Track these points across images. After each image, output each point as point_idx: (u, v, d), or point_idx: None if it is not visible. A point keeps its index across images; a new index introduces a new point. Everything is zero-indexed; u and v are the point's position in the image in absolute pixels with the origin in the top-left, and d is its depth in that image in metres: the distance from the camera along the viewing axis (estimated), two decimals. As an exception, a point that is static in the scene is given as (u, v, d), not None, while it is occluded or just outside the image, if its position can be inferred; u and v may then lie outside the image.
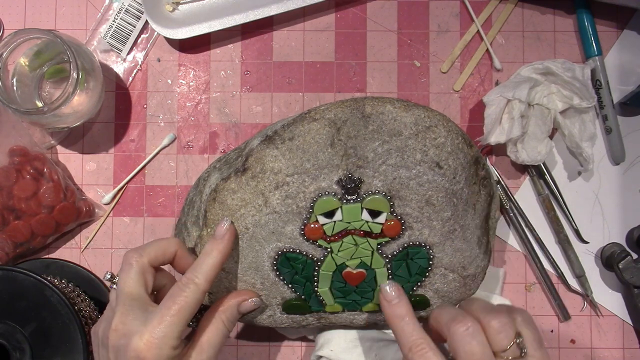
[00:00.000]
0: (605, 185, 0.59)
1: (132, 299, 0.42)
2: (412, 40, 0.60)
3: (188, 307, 0.41)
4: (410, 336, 0.42)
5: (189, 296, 0.41)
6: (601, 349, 0.58)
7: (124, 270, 0.43)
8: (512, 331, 0.40)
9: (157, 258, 0.44)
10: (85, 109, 0.55)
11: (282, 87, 0.60)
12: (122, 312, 0.41)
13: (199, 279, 0.42)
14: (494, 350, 0.40)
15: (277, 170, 0.46)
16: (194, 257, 0.46)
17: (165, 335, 0.40)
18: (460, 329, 0.40)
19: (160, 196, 0.60)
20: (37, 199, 0.55)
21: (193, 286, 0.42)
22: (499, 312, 0.41)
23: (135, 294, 0.42)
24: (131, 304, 0.42)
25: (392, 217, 0.46)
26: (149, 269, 0.44)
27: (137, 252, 0.44)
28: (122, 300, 0.42)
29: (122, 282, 0.43)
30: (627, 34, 0.60)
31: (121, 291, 0.42)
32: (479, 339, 0.40)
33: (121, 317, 0.41)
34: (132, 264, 0.43)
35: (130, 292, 0.42)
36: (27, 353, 0.49)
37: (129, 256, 0.43)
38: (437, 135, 0.46)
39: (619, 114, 0.59)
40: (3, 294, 0.49)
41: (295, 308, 0.50)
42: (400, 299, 0.44)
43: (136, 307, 0.41)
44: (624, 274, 0.56)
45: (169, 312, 0.40)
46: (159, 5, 0.59)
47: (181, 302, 0.41)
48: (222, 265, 0.44)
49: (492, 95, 0.55)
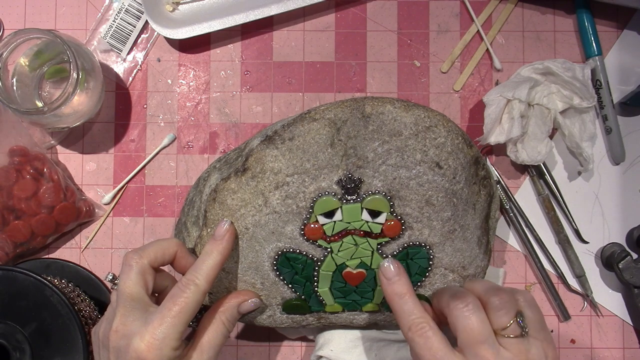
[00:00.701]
0: (605, 185, 0.59)
1: (133, 300, 0.42)
2: (412, 40, 0.60)
3: (188, 308, 0.41)
4: (410, 315, 0.41)
5: (190, 297, 0.41)
6: (601, 349, 0.58)
7: (124, 271, 0.43)
8: (513, 310, 0.40)
9: (157, 259, 0.44)
10: (85, 109, 0.55)
11: (282, 87, 0.60)
12: (123, 313, 0.41)
13: (199, 279, 0.42)
14: (494, 328, 0.40)
15: (277, 170, 0.46)
16: (194, 257, 0.46)
17: (166, 336, 0.40)
18: (459, 305, 0.40)
19: (160, 196, 0.60)
20: (37, 199, 0.55)
21: (193, 287, 0.42)
22: (501, 290, 0.41)
23: (136, 295, 0.42)
24: (132, 305, 0.42)
25: (392, 217, 0.46)
26: (149, 269, 0.44)
27: (137, 253, 0.44)
28: (122, 301, 0.42)
29: (122, 283, 0.43)
30: (627, 34, 0.60)
31: (121, 292, 0.42)
32: (478, 315, 0.39)
33: (122, 318, 0.41)
34: (132, 265, 0.43)
35: (131, 293, 0.42)
36: (27, 353, 0.49)
37: (128, 257, 0.43)
38: (437, 135, 0.46)
39: (619, 114, 0.59)
40: (3, 294, 0.49)
41: (295, 308, 0.50)
42: (400, 277, 0.43)
43: (137, 308, 0.42)
44: (624, 274, 0.56)
45: (170, 313, 0.41)
46: (159, 5, 0.59)
47: (182, 303, 0.41)
48: (222, 265, 0.44)
49: (492, 95, 0.55)
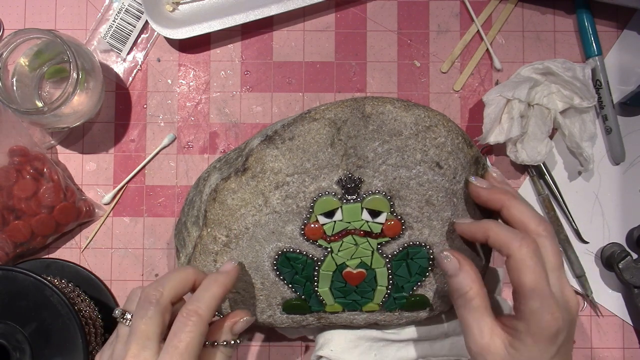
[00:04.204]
0: (605, 185, 0.59)
1: (147, 339, 0.40)
2: (412, 40, 0.60)
3: (194, 342, 0.40)
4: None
5: (194, 331, 0.40)
6: (601, 349, 0.58)
7: (142, 307, 0.41)
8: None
9: (178, 294, 0.43)
10: (85, 109, 0.55)
11: (282, 87, 0.60)
12: (134, 352, 0.40)
13: (202, 309, 0.41)
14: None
15: (277, 170, 0.46)
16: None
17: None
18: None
19: (160, 196, 0.60)
20: (37, 199, 0.55)
21: (196, 318, 0.41)
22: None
23: (151, 334, 0.40)
24: (144, 344, 0.40)
25: (392, 217, 0.46)
26: (169, 307, 0.42)
27: (157, 289, 0.41)
28: (136, 339, 0.40)
29: (139, 320, 0.41)
30: (627, 34, 0.60)
31: (136, 329, 0.40)
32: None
33: (133, 357, 0.40)
34: (152, 303, 0.41)
35: (146, 332, 0.40)
36: (27, 353, 0.49)
37: (148, 293, 0.41)
38: (437, 135, 0.46)
39: (619, 114, 0.59)
40: (3, 294, 0.49)
41: (295, 308, 0.50)
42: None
43: (149, 347, 0.40)
44: (624, 274, 0.56)
45: (177, 352, 0.39)
46: (159, 5, 0.59)
47: (186, 339, 0.40)
48: (225, 296, 0.43)
49: (491, 95, 0.55)
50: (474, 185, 0.46)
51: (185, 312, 0.41)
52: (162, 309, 0.41)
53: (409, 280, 0.48)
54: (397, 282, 0.48)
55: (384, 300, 0.49)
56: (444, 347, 0.54)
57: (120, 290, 0.59)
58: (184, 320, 0.40)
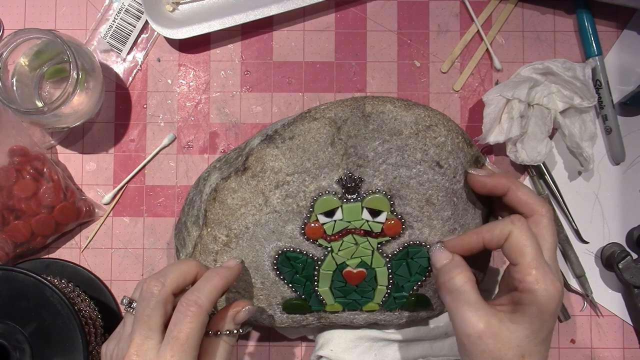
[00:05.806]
0: (605, 185, 0.59)
1: (150, 330, 0.41)
2: (412, 40, 0.60)
3: (195, 333, 0.40)
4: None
5: (193, 321, 0.40)
6: (601, 349, 0.58)
7: (145, 297, 0.42)
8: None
9: (179, 286, 0.43)
10: (85, 109, 0.55)
11: (282, 87, 0.60)
12: (138, 342, 0.40)
13: (202, 299, 0.41)
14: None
15: (277, 169, 0.46)
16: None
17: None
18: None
19: (160, 196, 0.60)
20: (37, 199, 0.55)
21: (196, 309, 0.41)
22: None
23: (154, 325, 0.41)
24: (147, 335, 0.41)
25: (393, 216, 0.46)
26: (171, 298, 0.42)
27: (159, 280, 0.42)
28: (139, 329, 0.41)
29: (141, 311, 0.41)
30: (627, 34, 0.60)
31: (139, 320, 0.41)
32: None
33: (136, 347, 0.40)
34: (154, 294, 0.41)
35: (149, 322, 0.41)
36: (27, 353, 0.49)
37: (150, 285, 0.42)
38: (437, 135, 0.46)
39: (619, 114, 0.59)
40: (3, 294, 0.49)
41: (295, 308, 0.50)
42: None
43: (152, 337, 0.41)
44: (624, 274, 0.56)
45: (178, 342, 0.40)
46: (159, 5, 0.59)
47: (187, 330, 0.40)
48: (226, 289, 0.44)
49: (491, 95, 0.55)
50: (476, 176, 0.46)
51: (185, 302, 0.41)
52: (164, 299, 0.42)
53: (409, 280, 0.48)
54: (398, 282, 0.48)
55: (384, 299, 0.49)
56: (444, 347, 0.54)
57: (120, 290, 0.59)
58: (184, 310, 0.41)
